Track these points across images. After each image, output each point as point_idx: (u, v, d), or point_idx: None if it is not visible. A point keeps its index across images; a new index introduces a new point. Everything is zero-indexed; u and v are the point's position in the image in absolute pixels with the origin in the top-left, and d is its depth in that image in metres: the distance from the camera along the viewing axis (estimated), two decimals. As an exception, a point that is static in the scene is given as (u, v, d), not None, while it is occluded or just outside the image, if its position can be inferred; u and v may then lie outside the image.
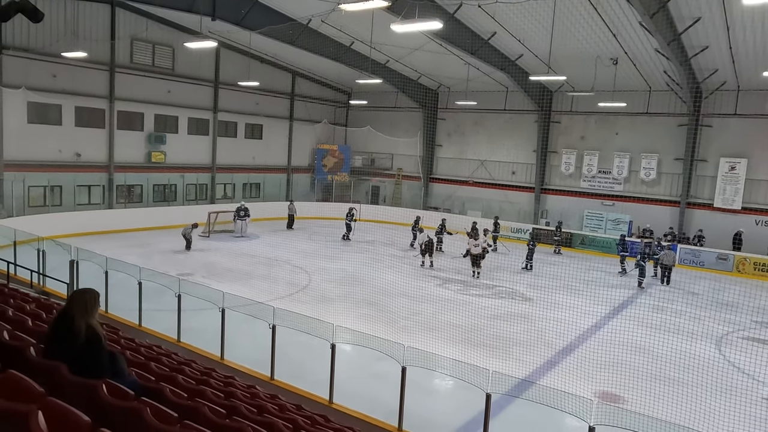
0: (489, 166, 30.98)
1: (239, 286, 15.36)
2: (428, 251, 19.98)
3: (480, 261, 18.98)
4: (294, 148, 33.50)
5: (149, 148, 26.00)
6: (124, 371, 3.76)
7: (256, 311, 10.00)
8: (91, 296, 3.86)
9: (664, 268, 19.96)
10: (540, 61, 22.76)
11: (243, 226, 24.01)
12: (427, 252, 19.96)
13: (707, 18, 17.42)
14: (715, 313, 15.47)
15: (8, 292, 7.29)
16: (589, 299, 16.21)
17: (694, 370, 11.17)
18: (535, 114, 28.99)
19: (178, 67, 26.68)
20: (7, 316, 4.77)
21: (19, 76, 21.14)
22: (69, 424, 2.22)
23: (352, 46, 26.04)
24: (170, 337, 10.66)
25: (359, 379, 9.86)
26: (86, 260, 12.56)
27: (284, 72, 31.89)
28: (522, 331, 13.34)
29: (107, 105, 24.18)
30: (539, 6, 18.20)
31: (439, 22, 12.98)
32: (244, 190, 30.82)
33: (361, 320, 12.86)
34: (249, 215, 24.29)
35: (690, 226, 24.95)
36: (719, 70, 21.66)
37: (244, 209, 24.27)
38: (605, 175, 27.31)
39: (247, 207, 24.50)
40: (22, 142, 21.53)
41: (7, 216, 19.96)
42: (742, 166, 23.73)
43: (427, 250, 19.95)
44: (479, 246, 19.00)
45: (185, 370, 5.49)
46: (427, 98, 31.93)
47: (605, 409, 6.73)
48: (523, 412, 8.79)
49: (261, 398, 5.64)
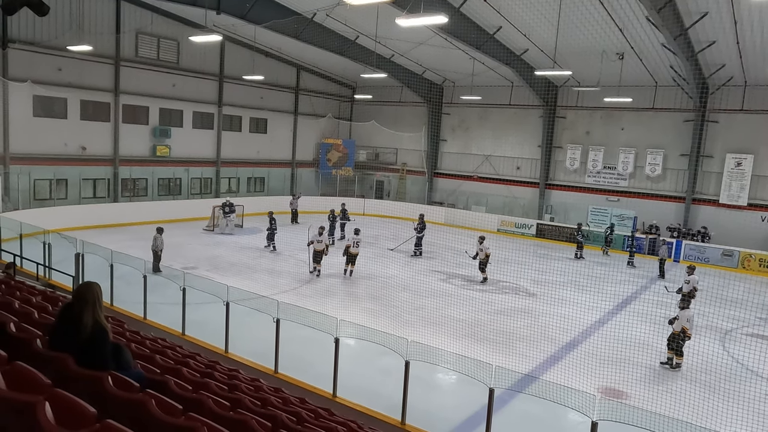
0: (493, 161, 30.91)
1: (243, 280, 15.42)
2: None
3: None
4: (298, 142, 33.49)
5: (154, 141, 26.06)
6: (130, 363, 3.78)
7: (261, 305, 10.04)
8: (96, 290, 3.88)
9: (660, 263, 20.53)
10: (545, 55, 22.65)
11: (228, 222, 23.40)
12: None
13: (714, 13, 17.29)
14: (719, 310, 15.43)
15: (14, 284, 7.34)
16: (592, 295, 16.18)
17: (698, 366, 11.16)
18: (540, 109, 28.87)
19: (183, 61, 26.68)
20: (14, 309, 4.81)
21: (25, 69, 21.18)
22: (75, 414, 2.24)
23: (357, 40, 25.96)
24: (175, 330, 10.72)
25: (363, 373, 9.89)
26: (91, 253, 12.62)
27: (289, 66, 31.85)
28: (525, 327, 13.35)
29: (112, 98, 24.22)
30: (545, 0, 18.11)
31: (444, 17, 12.91)
32: (248, 184, 30.87)
33: (365, 314, 12.90)
34: (234, 211, 23.80)
35: (695, 222, 24.84)
36: (726, 65, 21.50)
37: (229, 205, 23.61)
38: (610, 170, 27.20)
39: (232, 203, 23.94)
40: (28, 135, 21.62)
41: (14, 209, 20.06)
42: (748, 162, 23.59)
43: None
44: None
45: (190, 363, 5.52)
46: (431, 93, 31.83)
47: (608, 405, 6.74)
48: (526, 407, 8.80)
49: (265, 391, 5.67)
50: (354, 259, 17.51)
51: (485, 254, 17.89)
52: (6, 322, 3.63)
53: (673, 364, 11.35)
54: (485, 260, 17.93)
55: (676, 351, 11.37)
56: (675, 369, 11.28)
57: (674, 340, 11.38)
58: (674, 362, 11.38)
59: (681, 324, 11.31)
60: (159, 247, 15.98)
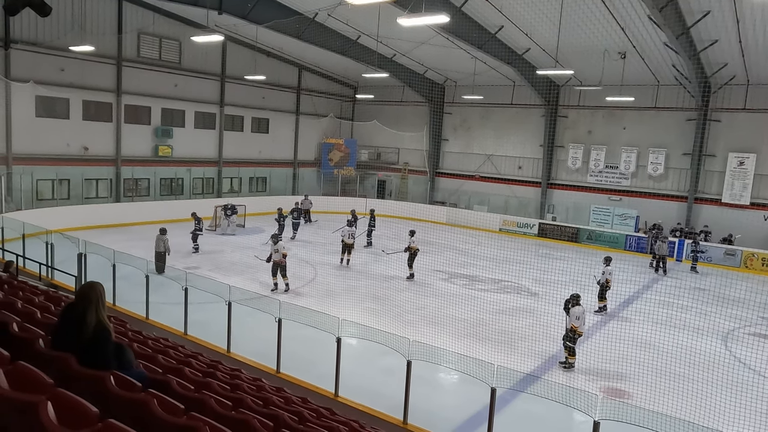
0: (495, 160, 30.88)
1: (245, 280, 15.43)
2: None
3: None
4: (300, 142, 33.51)
5: (156, 141, 26.09)
6: (132, 363, 3.79)
7: (263, 305, 10.06)
8: (99, 290, 3.89)
9: (659, 259, 20.78)
10: (547, 55, 22.61)
11: (230, 222, 23.52)
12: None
13: (717, 11, 17.25)
14: (722, 309, 15.39)
15: (17, 284, 7.36)
16: (595, 294, 16.15)
17: (701, 365, 11.14)
18: (542, 108, 28.83)
19: (184, 61, 26.72)
20: (17, 308, 4.82)
21: (28, 70, 21.23)
22: (77, 414, 2.24)
23: (359, 39, 25.97)
24: (177, 330, 10.74)
25: (364, 373, 9.90)
26: (94, 253, 12.65)
27: (290, 66, 31.87)
28: (527, 326, 13.34)
29: (114, 99, 24.26)
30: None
31: (445, 16, 12.91)
32: (250, 184, 30.90)
33: (367, 314, 12.90)
34: (237, 212, 24.00)
35: (697, 221, 24.80)
36: (729, 64, 21.45)
37: (231, 208, 23.82)
38: (612, 169, 27.16)
39: (233, 205, 24.10)
40: (31, 135, 21.66)
41: (16, 209, 20.12)
42: (750, 161, 23.53)
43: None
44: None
45: (192, 363, 5.53)
46: (433, 92, 31.82)
47: (611, 404, 6.74)
48: (528, 407, 8.80)
49: (267, 391, 5.67)
50: (350, 249, 18.13)
51: (412, 249, 17.30)
52: (9, 322, 3.64)
53: (566, 364, 10.91)
54: (413, 256, 17.29)
55: (568, 350, 10.97)
56: (568, 369, 10.79)
57: (566, 338, 11.01)
58: (567, 362, 10.94)
59: (571, 322, 10.96)
60: (166, 247, 15.95)
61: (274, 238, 15.37)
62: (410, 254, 17.37)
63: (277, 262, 14.92)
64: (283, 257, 14.91)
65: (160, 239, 16.04)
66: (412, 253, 17.36)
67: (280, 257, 14.88)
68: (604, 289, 15.27)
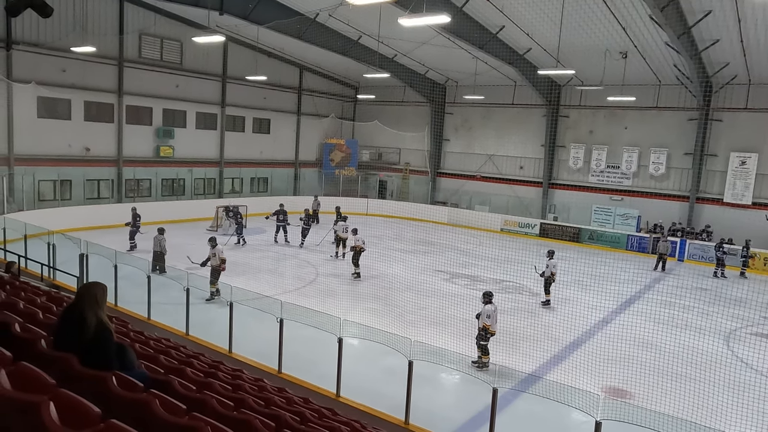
0: (497, 160, 30.87)
1: (247, 280, 15.43)
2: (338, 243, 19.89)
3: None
4: (301, 142, 33.53)
5: (157, 142, 26.12)
6: (134, 363, 3.79)
7: (264, 305, 10.05)
8: (100, 290, 3.89)
9: (660, 256, 21.18)
10: (548, 54, 22.60)
11: (231, 223, 23.37)
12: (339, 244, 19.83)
13: (718, 11, 17.23)
14: (723, 309, 15.38)
15: (19, 285, 7.37)
16: (596, 294, 16.14)
17: (703, 365, 11.12)
18: (543, 108, 28.82)
19: (186, 62, 26.74)
20: (18, 309, 4.82)
21: (29, 70, 21.26)
22: (79, 414, 2.25)
23: (360, 40, 25.98)
24: (179, 331, 10.74)
25: (366, 373, 9.90)
26: (96, 254, 12.66)
27: (292, 66, 31.88)
28: (529, 326, 13.33)
29: (116, 99, 24.29)
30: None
31: (447, 16, 12.90)
32: (251, 185, 30.91)
33: (368, 314, 12.90)
34: (240, 214, 24.05)
35: (699, 221, 24.77)
36: (730, 63, 21.43)
37: (234, 212, 23.84)
38: (614, 169, 27.14)
39: (237, 208, 23.88)
40: (32, 136, 21.69)
41: (18, 210, 20.14)
42: (752, 161, 23.51)
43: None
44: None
45: (193, 363, 5.54)
46: (434, 92, 31.84)
47: (612, 405, 6.73)
48: (530, 407, 8.79)
49: (268, 391, 5.67)
50: (344, 242, 19.01)
51: (357, 248, 17.17)
52: (11, 323, 3.64)
53: (480, 364, 10.63)
54: (357, 255, 17.12)
55: (481, 350, 10.77)
56: (483, 369, 10.33)
57: (478, 337, 10.86)
58: (480, 361, 10.68)
59: (482, 320, 10.82)
60: (162, 247, 15.95)
61: (212, 241, 14.60)
62: (355, 253, 17.31)
63: (216, 268, 14.01)
64: (221, 262, 14.00)
65: (157, 239, 16.03)
66: (357, 252, 17.30)
67: (218, 262, 13.99)
68: (548, 282, 15.44)
